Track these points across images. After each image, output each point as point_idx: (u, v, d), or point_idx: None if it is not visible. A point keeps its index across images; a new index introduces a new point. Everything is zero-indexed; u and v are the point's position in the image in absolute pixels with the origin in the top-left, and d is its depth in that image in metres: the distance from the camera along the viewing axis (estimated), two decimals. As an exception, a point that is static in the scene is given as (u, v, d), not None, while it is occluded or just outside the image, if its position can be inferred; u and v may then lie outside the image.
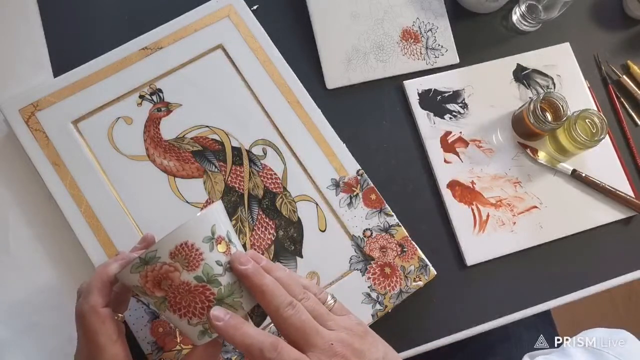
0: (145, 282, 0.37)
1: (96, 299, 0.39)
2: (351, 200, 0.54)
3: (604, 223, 0.58)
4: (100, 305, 0.39)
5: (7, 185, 0.54)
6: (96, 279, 0.40)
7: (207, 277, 0.37)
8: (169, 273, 0.36)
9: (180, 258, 0.37)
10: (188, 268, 0.37)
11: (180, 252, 0.37)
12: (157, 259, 0.36)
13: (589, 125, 0.56)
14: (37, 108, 0.53)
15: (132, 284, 0.38)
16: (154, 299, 0.38)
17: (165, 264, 0.36)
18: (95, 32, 0.59)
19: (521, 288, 0.56)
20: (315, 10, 0.61)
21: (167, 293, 0.37)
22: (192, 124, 0.55)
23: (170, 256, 0.36)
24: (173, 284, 0.37)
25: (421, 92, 0.60)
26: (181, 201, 0.53)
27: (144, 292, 0.38)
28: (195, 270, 0.37)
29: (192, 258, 0.37)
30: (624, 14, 0.66)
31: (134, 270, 0.37)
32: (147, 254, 0.36)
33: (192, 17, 0.57)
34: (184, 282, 0.37)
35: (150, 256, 0.36)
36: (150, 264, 0.36)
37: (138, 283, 0.37)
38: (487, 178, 0.58)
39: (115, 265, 0.41)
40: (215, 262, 0.38)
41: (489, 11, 0.64)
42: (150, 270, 0.36)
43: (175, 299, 0.37)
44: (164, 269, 0.36)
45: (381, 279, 0.52)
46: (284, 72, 0.57)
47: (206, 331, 0.37)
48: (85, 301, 0.39)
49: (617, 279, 0.57)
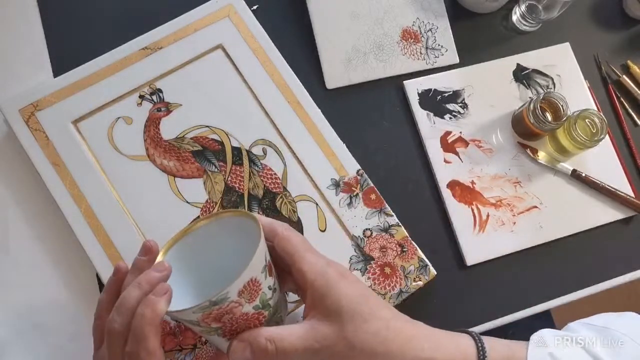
0: (205, 319, 0.36)
1: (154, 344, 0.36)
2: (351, 200, 0.54)
3: (604, 223, 0.58)
4: (158, 347, 0.37)
5: (7, 185, 0.54)
6: (149, 324, 0.36)
7: (262, 304, 0.38)
8: (234, 309, 0.36)
9: (245, 295, 0.36)
10: (249, 300, 0.37)
11: (247, 289, 0.36)
12: (226, 300, 0.35)
13: (589, 125, 0.56)
14: (37, 108, 0.53)
15: (188, 319, 0.36)
16: (206, 328, 0.37)
17: (232, 302, 0.36)
18: (95, 32, 0.59)
19: (521, 288, 0.56)
20: (315, 10, 0.61)
21: (224, 324, 0.37)
22: (192, 124, 0.55)
23: (238, 294, 0.36)
24: (234, 317, 0.36)
25: (421, 92, 0.60)
26: (181, 201, 0.53)
27: (197, 324, 0.36)
28: (254, 301, 0.37)
29: (254, 291, 0.37)
30: (624, 14, 0.66)
31: (199, 310, 0.35)
32: (217, 296, 0.34)
33: (192, 17, 0.57)
34: (244, 313, 0.37)
35: (221, 298, 0.35)
36: (218, 304, 0.35)
37: (196, 319, 0.36)
38: (487, 178, 0.58)
39: (164, 303, 0.37)
40: (268, 287, 0.38)
41: (489, 11, 0.64)
42: (217, 309, 0.35)
43: (230, 327, 0.37)
44: (230, 306, 0.36)
45: (381, 279, 0.52)
46: (284, 72, 0.57)
47: None
48: (142, 347, 0.36)
49: (617, 279, 0.57)
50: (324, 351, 0.36)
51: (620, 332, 0.41)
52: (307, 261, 0.39)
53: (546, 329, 0.42)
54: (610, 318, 0.44)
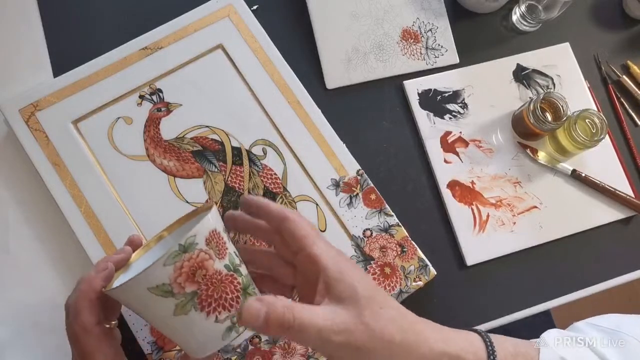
0: (178, 276, 0.34)
1: (87, 319, 0.37)
2: (351, 200, 0.54)
3: (604, 223, 0.58)
4: (92, 324, 0.37)
5: (7, 185, 0.54)
6: (82, 297, 0.37)
7: (232, 266, 0.36)
8: (205, 261, 0.34)
9: (213, 245, 0.35)
10: (219, 256, 0.36)
11: (213, 238, 0.35)
12: (195, 246, 0.34)
13: (589, 125, 0.56)
14: (37, 108, 0.53)
15: (152, 285, 0.34)
16: (180, 297, 0.34)
17: (202, 251, 0.34)
18: (95, 32, 0.59)
19: (521, 288, 0.56)
20: (315, 10, 0.61)
21: (199, 286, 0.34)
22: (192, 124, 0.55)
23: (206, 242, 0.35)
24: (207, 273, 0.35)
25: (421, 92, 0.60)
26: (181, 201, 0.53)
27: (169, 291, 0.34)
28: (224, 258, 0.36)
29: (220, 246, 0.36)
30: (624, 14, 0.66)
31: (170, 261, 0.33)
32: (186, 240, 0.34)
33: (192, 17, 0.57)
34: (216, 271, 0.35)
35: (190, 242, 0.34)
36: (188, 252, 0.34)
37: (168, 279, 0.34)
38: (487, 178, 0.58)
39: (100, 279, 0.38)
40: (234, 252, 0.38)
41: (489, 11, 0.64)
42: (187, 259, 0.34)
43: (207, 291, 0.35)
44: (201, 256, 0.34)
45: (381, 279, 0.52)
46: (284, 72, 0.57)
47: (234, 326, 0.36)
48: (75, 322, 0.37)
49: (617, 279, 0.57)
50: (341, 335, 0.33)
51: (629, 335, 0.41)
52: (320, 246, 0.37)
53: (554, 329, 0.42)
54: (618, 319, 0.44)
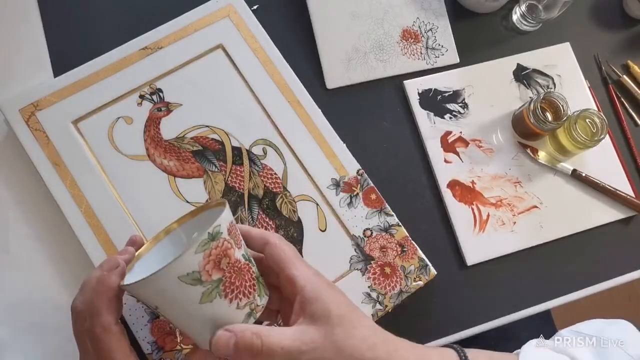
0: (207, 264, 0.35)
1: (107, 319, 0.37)
2: (351, 200, 0.54)
3: (604, 223, 0.58)
4: (112, 323, 0.38)
5: (7, 185, 0.54)
6: (100, 297, 0.38)
7: (246, 256, 0.39)
8: (228, 250, 0.37)
9: (232, 235, 0.38)
10: (237, 246, 0.38)
11: (232, 229, 0.38)
12: (220, 235, 0.36)
13: (589, 125, 0.56)
14: (37, 108, 0.53)
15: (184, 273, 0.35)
16: (207, 285, 0.35)
17: (225, 240, 0.37)
18: (95, 32, 0.59)
19: (521, 288, 0.56)
20: (315, 10, 0.61)
21: (224, 273, 0.36)
22: (192, 124, 0.55)
23: (228, 232, 0.37)
24: (230, 261, 0.37)
25: (421, 91, 0.60)
26: (181, 201, 0.53)
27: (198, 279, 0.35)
28: (241, 249, 0.39)
29: (237, 237, 0.38)
30: (624, 14, 0.66)
31: (200, 249, 0.35)
32: (214, 228, 0.35)
33: (192, 17, 0.57)
34: (237, 259, 0.37)
35: (216, 231, 0.36)
36: (215, 240, 0.36)
37: (197, 267, 0.35)
38: (487, 178, 0.58)
39: (115, 276, 0.38)
40: (245, 245, 0.40)
41: (489, 11, 0.64)
42: (215, 247, 0.36)
43: (230, 279, 0.37)
44: (225, 245, 0.36)
45: (381, 278, 0.52)
46: (284, 72, 0.57)
47: (252, 312, 0.38)
48: (95, 322, 0.37)
49: (617, 279, 0.57)
50: (310, 354, 0.36)
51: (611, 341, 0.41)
52: (298, 267, 0.39)
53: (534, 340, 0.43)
54: (601, 326, 0.44)
